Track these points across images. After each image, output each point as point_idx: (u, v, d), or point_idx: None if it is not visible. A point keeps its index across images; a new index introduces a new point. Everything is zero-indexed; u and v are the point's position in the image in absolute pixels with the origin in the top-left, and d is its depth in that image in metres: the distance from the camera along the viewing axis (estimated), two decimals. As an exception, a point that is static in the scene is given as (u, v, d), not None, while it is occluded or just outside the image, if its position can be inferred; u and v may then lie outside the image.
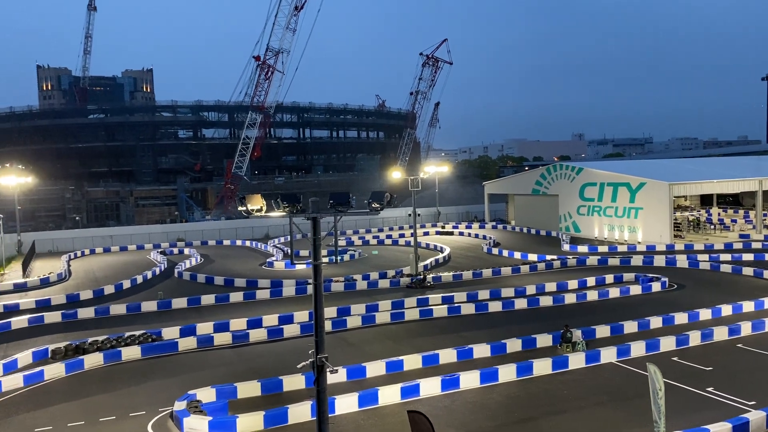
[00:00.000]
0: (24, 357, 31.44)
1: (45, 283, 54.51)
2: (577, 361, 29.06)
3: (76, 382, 29.11)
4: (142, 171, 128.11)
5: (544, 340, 32.28)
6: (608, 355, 29.67)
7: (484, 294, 43.58)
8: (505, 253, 63.43)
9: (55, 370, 29.78)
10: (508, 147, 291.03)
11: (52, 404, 26.18)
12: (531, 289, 45.06)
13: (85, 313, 41.72)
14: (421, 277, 48.79)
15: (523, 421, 23.40)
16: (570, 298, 42.64)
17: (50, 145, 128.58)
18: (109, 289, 49.74)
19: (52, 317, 40.70)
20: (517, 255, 61.27)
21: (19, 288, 52.57)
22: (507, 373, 27.52)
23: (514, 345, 31.61)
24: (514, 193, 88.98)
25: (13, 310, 43.68)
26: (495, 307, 40.59)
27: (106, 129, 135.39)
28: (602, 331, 33.73)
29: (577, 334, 31.77)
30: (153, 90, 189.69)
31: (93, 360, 31.28)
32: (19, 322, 39.47)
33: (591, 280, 47.19)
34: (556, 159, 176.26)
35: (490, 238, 74.14)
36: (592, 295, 43.22)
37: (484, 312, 40.10)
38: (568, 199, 76.58)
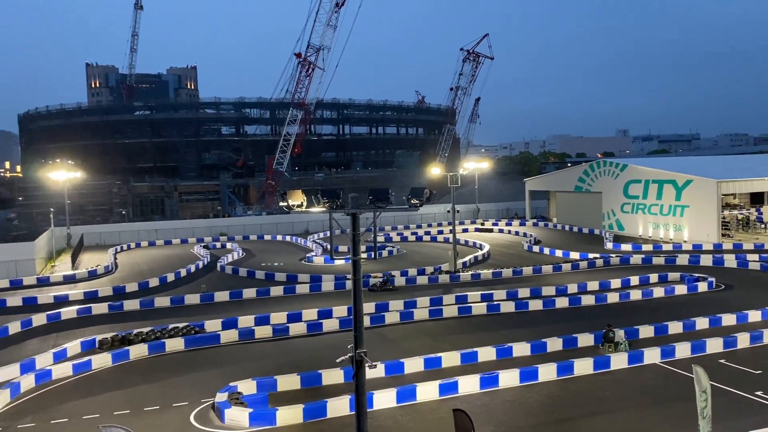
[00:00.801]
0: (73, 346, 32.49)
1: (93, 275, 56.15)
2: (619, 361, 28.53)
3: (121, 371, 29.94)
4: (186, 167, 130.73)
5: (585, 339, 31.78)
6: (652, 355, 29.03)
7: (524, 292, 43.12)
8: (546, 251, 62.62)
9: (102, 360, 30.69)
10: (550, 143, 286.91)
11: (100, 393, 26.99)
12: (572, 288, 44.38)
13: (131, 305, 42.85)
14: (384, 279, 46.94)
15: (562, 421, 23.09)
16: (613, 298, 41.85)
17: (98, 141, 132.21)
18: (153, 282, 50.95)
19: (100, 308, 41.93)
20: (559, 253, 60.43)
21: (69, 280, 54.28)
22: (547, 372, 27.19)
23: (554, 344, 31.21)
24: (555, 190, 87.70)
25: (63, 301, 45.17)
26: (535, 305, 40.13)
27: (152, 125, 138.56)
28: (646, 331, 33.02)
29: (619, 334, 31.18)
30: (197, 87, 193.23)
31: (138, 351, 32.11)
32: (68, 312, 40.79)
33: (635, 280, 46.21)
34: (599, 155, 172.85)
35: (531, 235, 73.28)
36: (636, 295, 42.35)
37: (524, 310, 39.69)
38: (611, 197, 75.13)
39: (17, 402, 26.10)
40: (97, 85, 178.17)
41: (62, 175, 75.51)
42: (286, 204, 17.52)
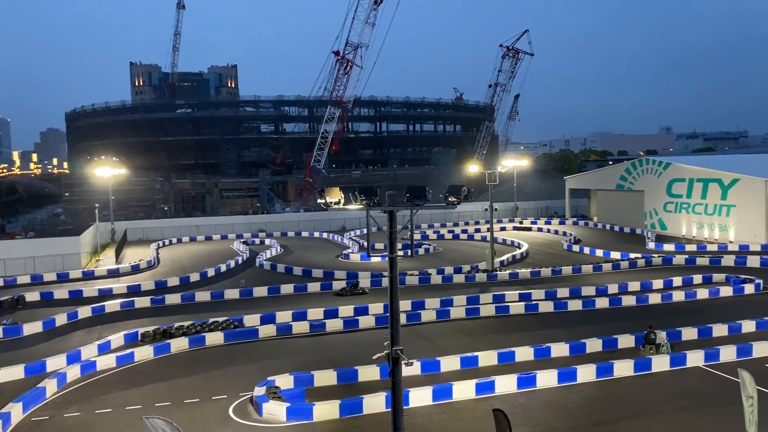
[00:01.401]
0: (116, 339, 33.36)
1: (136, 269, 57.48)
2: (661, 363, 27.92)
3: (163, 364, 30.61)
4: (226, 164, 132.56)
5: (626, 340, 31.19)
6: (695, 358, 28.33)
7: (563, 292, 42.53)
8: (587, 250, 61.63)
9: (144, 353, 31.44)
10: (591, 140, 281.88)
11: (142, 384, 27.66)
12: (613, 288, 43.60)
13: (172, 299, 43.76)
14: (354, 282, 45.72)
15: (602, 423, 22.72)
16: (654, 299, 40.98)
17: (142, 138, 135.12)
18: (194, 277, 51.90)
19: (142, 302, 42.94)
20: (599, 252, 59.40)
21: (113, 274, 55.71)
22: (586, 373, 26.78)
23: (594, 345, 30.72)
24: (596, 188, 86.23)
25: (107, 294, 46.37)
26: (575, 305, 39.55)
27: (193, 123, 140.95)
28: (689, 333, 32.22)
29: (661, 336, 30.51)
30: (237, 85, 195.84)
31: (179, 344, 32.78)
32: (112, 305, 41.88)
33: (677, 280, 45.12)
34: (642, 153, 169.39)
35: (571, 234, 72.20)
36: (679, 296, 41.35)
37: (563, 310, 39.15)
38: (654, 196, 73.50)
39: (64, 391, 26.94)
40: (141, 83, 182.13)
41: (107, 171, 77.52)
42: (323, 201, 17.65)
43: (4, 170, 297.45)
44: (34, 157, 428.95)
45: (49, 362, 29.59)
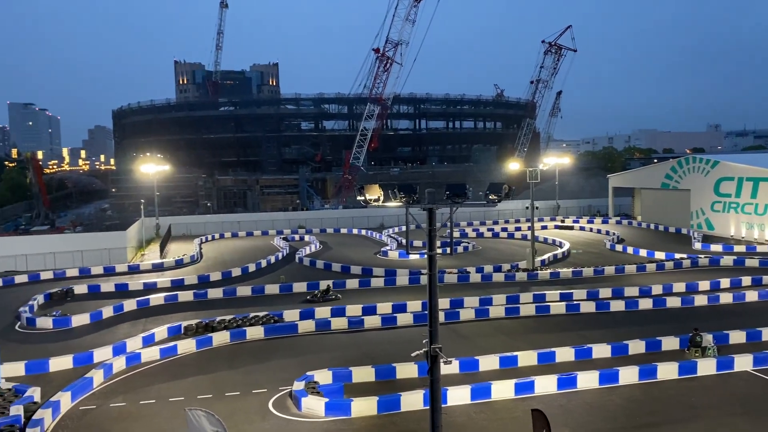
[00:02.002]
0: (160, 332, 34.15)
1: (179, 264, 58.69)
2: (706, 367, 27.20)
3: (205, 357, 31.20)
4: (267, 161, 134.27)
5: (670, 343, 30.47)
6: (743, 362, 27.50)
7: (605, 292, 41.77)
8: (630, 250, 60.38)
9: (187, 346, 32.10)
10: (636, 138, 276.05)
11: (185, 377, 28.25)
12: (657, 289, 42.64)
13: (214, 293, 44.54)
14: (325, 287, 43.43)
15: (645, 426, 22.26)
16: (700, 300, 39.94)
17: (185, 135, 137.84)
18: (236, 272, 52.72)
19: (185, 296, 43.81)
20: (643, 252, 58.12)
21: (157, 268, 56.99)
22: (628, 375, 26.27)
23: (636, 346, 30.12)
24: (641, 186, 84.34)
25: (152, 288, 47.47)
26: (617, 306, 38.82)
27: (236, 121, 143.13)
28: (736, 336, 31.30)
29: (707, 339, 29.70)
30: (278, 83, 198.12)
31: (220, 338, 33.36)
32: (156, 299, 42.86)
33: (725, 282, 43.81)
34: (688, 151, 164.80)
35: (614, 233, 70.82)
36: (726, 298, 40.20)
37: (605, 311, 38.47)
38: (701, 195, 71.53)
39: (109, 382, 27.72)
40: (185, 81, 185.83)
41: (152, 168, 79.27)
42: (363, 198, 17.69)
43: (55, 166, 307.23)
44: (83, 153, 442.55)
45: (96, 353, 30.48)
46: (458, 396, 24.40)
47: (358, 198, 18.03)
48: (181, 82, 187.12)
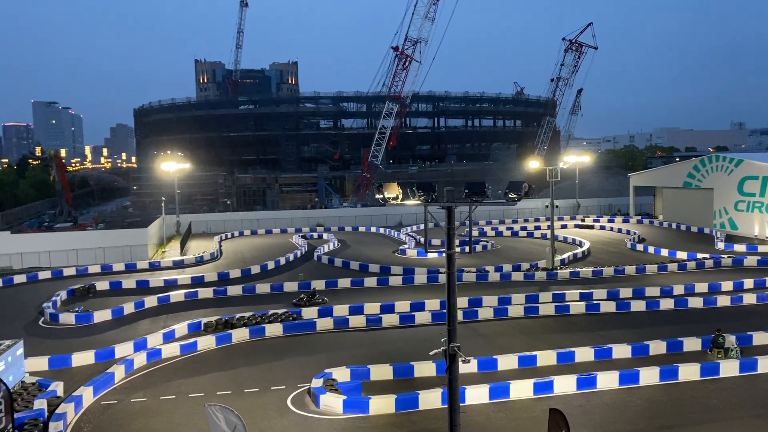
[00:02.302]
0: (180, 328, 34.48)
1: (199, 261, 59.19)
2: (729, 368, 26.82)
3: (224, 354, 31.45)
4: (286, 159, 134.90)
5: (692, 343, 30.10)
6: (767, 364, 27.04)
7: (626, 292, 41.36)
8: (651, 249, 59.70)
9: (206, 342, 32.38)
10: (657, 136, 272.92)
11: (204, 373, 28.50)
12: (679, 289, 42.12)
13: (234, 290, 44.87)
14: (312, 291, 42.47)
15: (665, 428, 22.02)
16: (723, 301, 39.38)
17: (206, 134, 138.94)
18: (255, 269, 53.04)
19: (205, 293, 44.19)
20: (664, 252, 57.43)
21: (178, 265, 57.54)
22: (649, 376, 26.00)
23: (657, 347, 29.79)
24: (662, 185, 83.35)
25: (172, 285, 47.92)
26: (638, 306, 38.43)
27: (255, 119, 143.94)
28: (761, 338, 30.82)
29: (730, 340, 29.30)
30: (297, 82, 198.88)
31: (240, 334, 33.61)
32: (176, 296, 43.27)
33: (749, 282, 43.13)
34: (711, 150, 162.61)
35: (635, 233, 70.08)
36: (750, 299, 39.60)
37: (625, 311, 38.10)
38: (724, 194, 70.49)
39: (131, 377, 28.05)
40: (205, 80, 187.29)
41: (172, 166, 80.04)
42: (381, 196, 17.68)
43: (77, 164, 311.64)
44: (105, 151, 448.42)
45: (118, 349, 30.86)
46: (477, 395, 24.33)
47: (377, 196, 18.02)
48: (201, 81, 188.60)
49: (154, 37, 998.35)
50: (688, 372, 26.38)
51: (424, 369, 27.18)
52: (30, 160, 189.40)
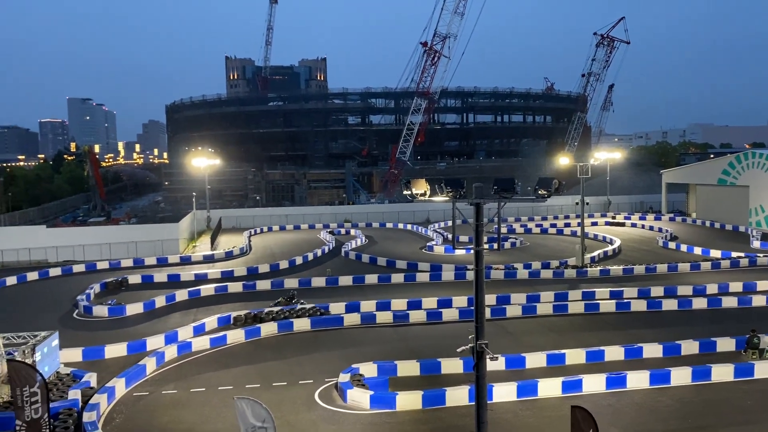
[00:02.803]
0: (210, 322, 34.96)
1: (229, 256, 59.88)
2: (764, 369, 26.29)
3: (253, 347, 31.80)
4: (314, 155, 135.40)
5: (725, 344, 29.53)
6: (804, 366, 26.41)
7: (657, 291, 40.73)
8: (684, 247, 58.61)
9: (236, 336, 32.79)
10: (691, 132, 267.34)
11: (233, 366, 28.87)
12: (712, 289, 41.33)
13: (263, 285, 45.30)
14: (290, 295, 40.10)
15: (697, 429, 21.66)
16: (759, 301, 38.54)
17: (236, 130, 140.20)
18: (283, 264, 53.48)
19: (235, 287, 44.72)
20: (698, 250, 56.36)
21: (208, 259, 58.29)
22: (681, 376, 25.58)
23: (689, 347, 29.30)
24: (696, 182, 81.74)
25: (203, 279, 48.61)
26: (669, 305, 37.82)
27: (284, 116, 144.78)
28: (798, 339, 30.03)
29: (765, 340, 28.68)
30: (326, 78, 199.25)
31: (268, 329, 33.95)
32: (207, 289, 43.88)
33: (786, 282, 42.10)
34: (747, 146, 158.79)
35: (667, 230, 68.88)
36: (787, 299, 38.62)
37: (656, 310, 37.52)
38: (760, 191, 68.85)
39: (162, 369, 28.55)
40: (235, 77, 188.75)
41: (203, 162, 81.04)
42: (409, 192, 17.65)
43: (111, 159, 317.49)
44: (137, 147, 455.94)
45: (149, 341, 31.42)
46: (504, 393, 24.22)
47: (405, 192, 18.01)
48: (231, 78, 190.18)
49: (186, 35, 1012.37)
50: (722, 372, 25.88)
51: (451, 366, 27.12)
52: (65, 156, 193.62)
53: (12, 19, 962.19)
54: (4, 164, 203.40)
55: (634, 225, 78.20)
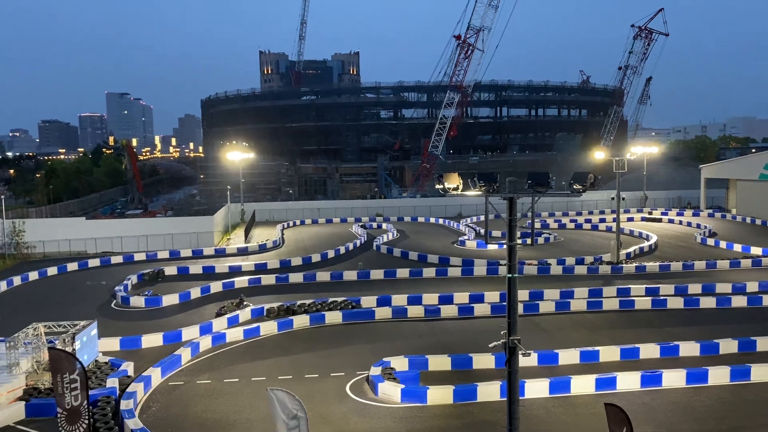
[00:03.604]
0: (244, 314, 35.43)
1: (263, 248, 60.53)
2: (807, 371, 25.48)
3: (285, 339, 32.14)
4: (347, 149, 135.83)
5: (766, 343, 28.78)
6: None
7: (695, 288, 39.92)
8: (723, 244, 57.20)
9: (269, 328, 33.18)
10: (732, 126, 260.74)
11: (266, 357, 29.24)
12: (752, 287, 40.28)
13: (295, 277, 45.73)
14: (238, 299, 38.37)
15: (734, 429, 21.22)
16: (802, 300, 37.35)
17: (269, 124, 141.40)
18: (315, 258, 53.85)
19: (268, 279, 45.24)
20: (737, 248, 54.98)
21: (242, 252, 59.03)
22: (719, 375, 25.04)
23: (728, 346, 28.65)
24: (736, 177, 79.64)
25: (236, 271, 49.26)
26: (707, 303, 37.02)
27: (317, 110, 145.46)
28: (843, 340, 29.12)
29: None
30: (359, 72, 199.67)
31: (301, 321, 34.28)
32: (240, 282, 44.47)
33: (830, 281, 40.80)
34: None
35: (706, 227, 67.32)
36: (831, 298, 37.43)
37: (694, 307, 36.75)
38: (804, 187, 66.72)
39: (196, 360, 29.06)
40: (269, 71, 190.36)
41: (237, 155, 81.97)
42: (442, 186, 17.59)
43: (148, 153, 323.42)
44: (173, 141, 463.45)
45: (185, 332, 32.01)
46: (536, 389, 24.04)
47: (437, 186, 17.94)
48: (265, 72, 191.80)
49: (221, 30, 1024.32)
50: (762, 373, 25.26)
51: (483, 361, 27.01)
52: (104, 149, 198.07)
53: (53, 18, 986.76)
54: (46, 157, 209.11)
55: (671, 221, 76.64)
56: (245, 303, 38.05)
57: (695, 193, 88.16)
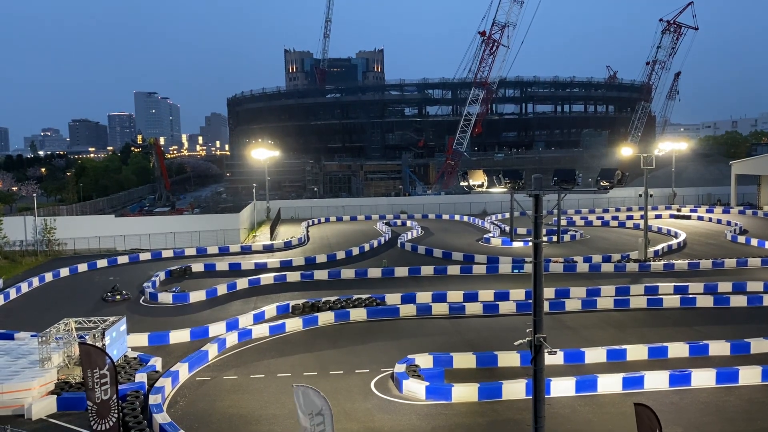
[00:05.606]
0: (270, 310, 35.73)
1: (288, 246, 60.95)
2: (842, 371, 24.86)
3: (310, 336, 32.35)
4: (371, 147, 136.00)
5: (799, 343, 28.11)
6: None
7: (725, 286, 39.20)
8: (754, 242, 56.06)
9: (294, 324, 33.42)
10: (763, 121, 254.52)
11: (291, 354, 29.45)
12: (785, 285, 39.38)
13: (320, 275, 45.95)
14: (113, 287, 40.01)
15: (766, 431, 20.73)
16: (837, 299, 36.44)
17: (294, 122, 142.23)
18: (340, 255, 54.05)
19: (293, 276, 45.54)
20: (769, 245, 53.82)
21: (267, 249, 59.51)
22: (750, 375, 24.57)
23: (759, 345, 28.09)
24: (768, 174, 77.90)
25: (262, 268, 49.66)
26: (738, 301, 36.34)
27: (341, 108, 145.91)
28: None
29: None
30: (383, 69, 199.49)
31: (325, 318, 34.45)
32: (266, 278, 44.85)
33: None
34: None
35: (736, 224, 66.01)
36: None
37: (724, 306, 36.12)
38: (840, 183, 64.98)
39: (223, 356, 29.39)
40: (294, 70, 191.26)
41: (263, 153, 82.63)
42: (466, 183, 17.47)
43: (175, 151, 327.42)
44: (200, 139, 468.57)
45: (212, 328, 32.39)
46: (562, 387, 23.84)
47: (462, 183, 17.82)
48: (290, 71, 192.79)
49: (246, 29, 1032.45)
50: (794, 373, 24.69)
51: (508, 359, 26.88)
52: (132, 148, 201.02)
53: (82, 19, 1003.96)
54: (76, 156, 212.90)
55: (700, 218, 75.33)
56: (124, 293, 40.98)
57: (725, 190, 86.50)
